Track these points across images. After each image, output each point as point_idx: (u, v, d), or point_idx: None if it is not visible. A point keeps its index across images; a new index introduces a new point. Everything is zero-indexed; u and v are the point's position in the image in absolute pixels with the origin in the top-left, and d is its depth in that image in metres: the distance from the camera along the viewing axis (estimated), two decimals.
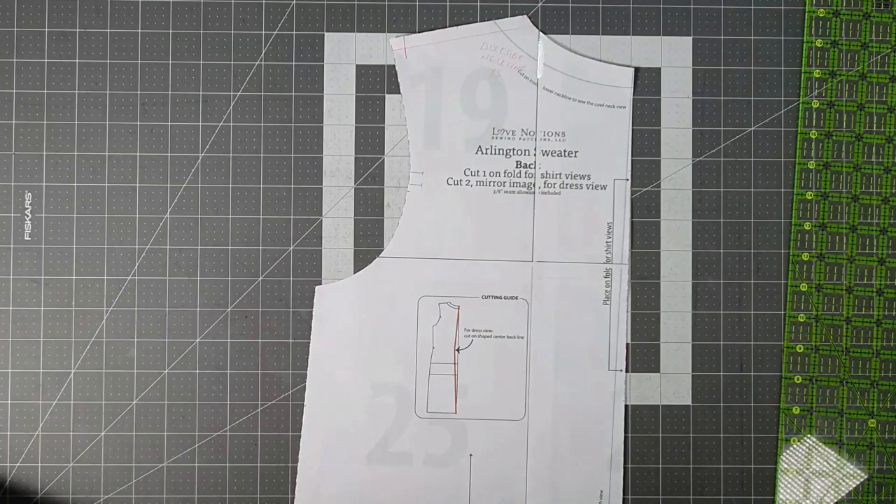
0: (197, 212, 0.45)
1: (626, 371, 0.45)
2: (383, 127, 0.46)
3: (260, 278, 0.45)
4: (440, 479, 0.44)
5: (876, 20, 0.46)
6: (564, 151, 0.45)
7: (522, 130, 0.45)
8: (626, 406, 0.45)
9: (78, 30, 0.45)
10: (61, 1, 0.45)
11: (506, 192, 0.45)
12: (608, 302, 0.45)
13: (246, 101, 0.45)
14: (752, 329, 0.45)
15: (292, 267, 0.45)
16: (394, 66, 0.45)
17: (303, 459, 0.44)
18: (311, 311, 0.45)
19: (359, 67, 0.46)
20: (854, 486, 0.45)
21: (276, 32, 0.46)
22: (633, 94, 0.45)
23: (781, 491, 0.45)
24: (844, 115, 0.45)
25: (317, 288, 0.45)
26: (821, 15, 0.46)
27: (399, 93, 0.45)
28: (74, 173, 0.45)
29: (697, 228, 0.46)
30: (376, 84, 0.46)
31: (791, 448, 0.45)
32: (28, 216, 0.45)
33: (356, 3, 0.46)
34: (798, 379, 0.45)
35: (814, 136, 0.45)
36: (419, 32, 0.45)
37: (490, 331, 0.45)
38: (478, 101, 0.45)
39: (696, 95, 0.46)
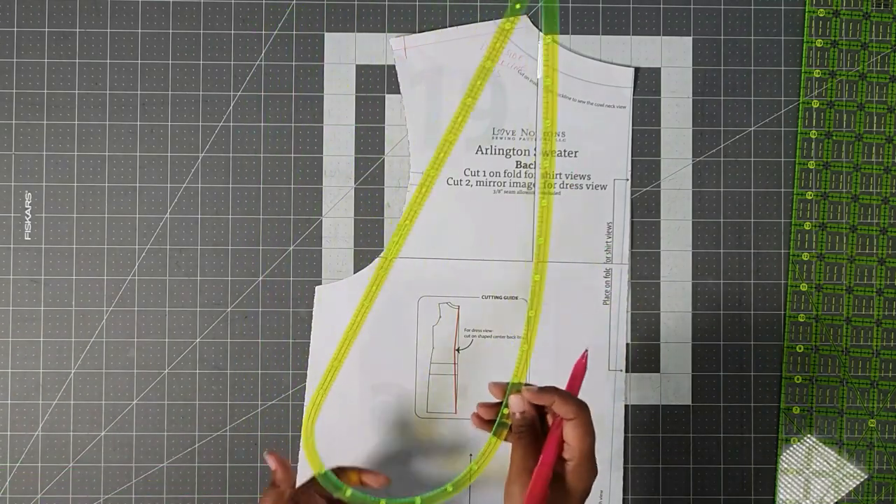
0: (197, 212, 0.45)
1: (626, 371, 0.45)
2: (383, 127, 0.46)
3: (260, 278, 0.45)
4: (440, 479, 0.44)
5: (876, 20, 0.46)
6: (564, 151, 0.45)
7: (522, 130, 0.45)
8: (626, 406, 0.45)
9: (78, 30, 0.45)
10: (61, 1, 0.45)
11: (506, 192, 0.45)
12: (608, 302, 0.45)
13: (246, 101, 0.45)
14: (752, 329, 0.45)
15: (292, 267, 0.45)
16: (394, 66, 0.45)
17: (303, 459, 0.44)
18: (311, 311, 0.45)
19: (359, 67, 0.46)
20: (854, 486, 0.45)
21: (276, 32, 0.46)
22: (633, 94, 0.45)
23: (781, 491, 0.45)
24: (844, 115, 0.45)
25: (317, 288, 0.45)
26: (821, 15, 0.46)
27: (399, 93, 0.45)
28: (74, 173, 0.45)
29: (697, 228, 0.46)
30: (376, 84, 0.46)
31: (791, 448, 0.45)
32: (28, 216, 0.45)
33: (356, 3, 0.46)
34: (798, 379, 0.45)
35: (814, 136, 0.45)
36: (419, 32, 0.45)
37: (490, 331, 0.45)
38: (478, 100, 0.45)
39: (696, 95, 0.46)
